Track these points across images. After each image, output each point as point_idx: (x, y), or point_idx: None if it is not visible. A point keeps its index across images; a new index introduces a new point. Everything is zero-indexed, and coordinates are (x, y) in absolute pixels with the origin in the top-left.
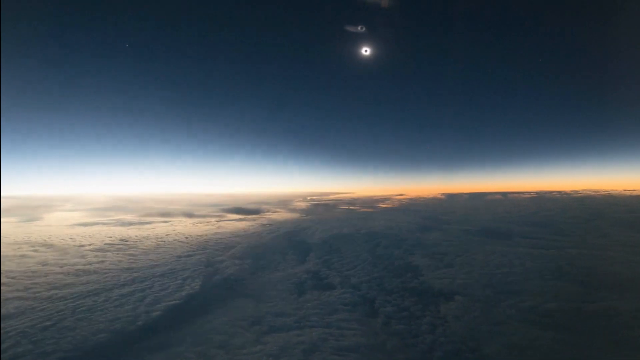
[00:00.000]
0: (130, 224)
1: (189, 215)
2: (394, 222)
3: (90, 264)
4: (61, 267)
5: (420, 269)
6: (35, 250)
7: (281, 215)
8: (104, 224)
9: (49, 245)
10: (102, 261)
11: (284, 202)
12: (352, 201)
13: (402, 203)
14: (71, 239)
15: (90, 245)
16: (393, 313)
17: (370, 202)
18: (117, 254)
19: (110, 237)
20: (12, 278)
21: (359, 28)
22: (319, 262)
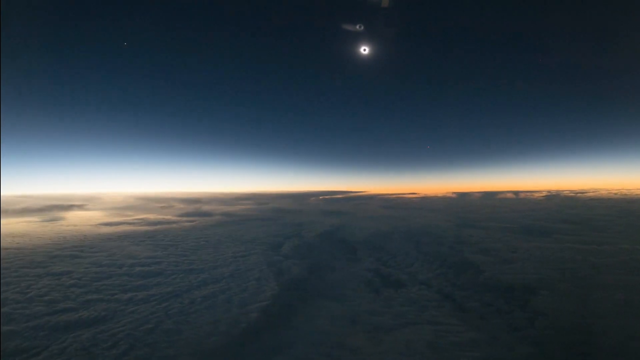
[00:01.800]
0: (156, 223)
1: (208, 214)
2: (426, 219)
3: (148, 265)
4: (119, 267)
5: (478, 265)
6: (81, 251)
7: (309, 215)
8: (129, 223)
9: (90, 246)
10: (159, 262)
11: (299, 201)
12: (368, 199)
13: (419, 202)
14: (109, 239)
15: (131, 245)
16: (480, 308)
17: (388, 201)
18: (166, 253)
19: (149, 237)
20: (78, 279)
21: (358, 27)
22: (373, 260)
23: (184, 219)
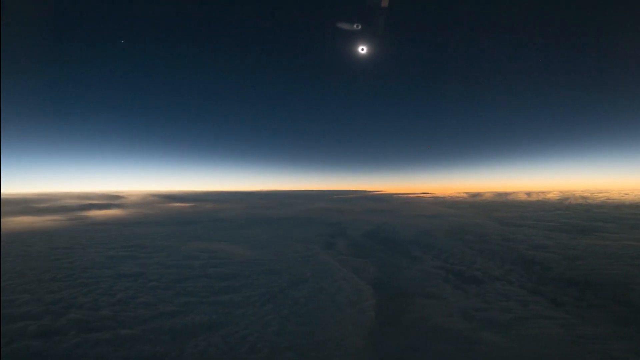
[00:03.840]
0: (189, 223)
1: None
2: (459, 218)
3: (216, 266)
4: (190, 268)
5: (542, 262)
6: (135, 251)
7: (344, 214)
8: (156, 223)
9: (141, 246)
10: (224, 263)
11: (316, 200)
12: (386, 199)
13: (438, 202)
14: (153, 238)
15: (181, 245)
16: (574, 302)
17: (408, 201)
18: (226, 254)
19: (193, 236)
20: (157, 281)
21: (355, 26)
22: (432, 258)
23: (205, 217)
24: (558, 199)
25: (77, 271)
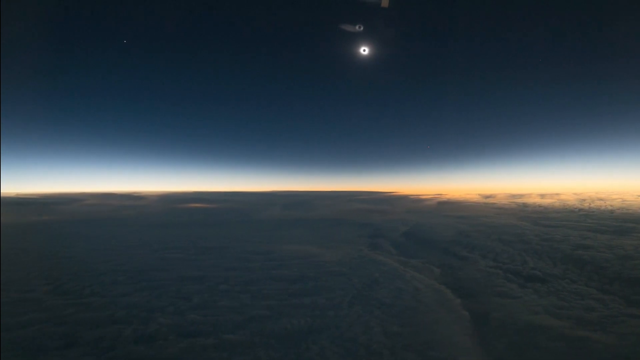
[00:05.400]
0: (223, 224)
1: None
2: (489, 219)
3: (284, 267)
4: (250, 271)
5: (592, 261)
6: (198, 255)
7: (370, 215)
8: (179, 224)
9: (185, 248)
10: (280, 266)
11: (333, 202)
12: (398, 200)
13: (457, 203)
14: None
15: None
16: None
17: (425, 202)
18: (280, 251)
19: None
20: (229, 285)
21: (357, 27)
22: (480, 258)
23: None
24: (576, 201)
25: (134, 273)
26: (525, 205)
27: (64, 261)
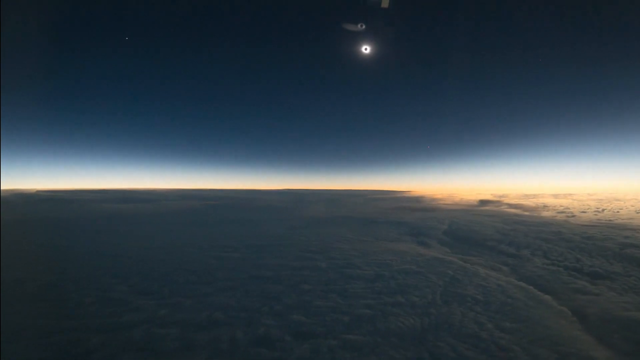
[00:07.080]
0: (250, 222)
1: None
2: (519, 216)
3: (351, 267)
4: (336, 270)
5: None
6: (253, 254)
7: (400, 213)
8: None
9: (228, 247)
10: (348, 265)
11: (353, 200)
12: (423, 199)
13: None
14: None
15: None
16: None
17: (444, 200)
18: (336, 249)
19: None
20: (311, 285)
21: (359, 26)
22: (531, 256)
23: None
24: (592, 201)
25: (202, 273)
26: (545, 205)
27: (126, 260)
